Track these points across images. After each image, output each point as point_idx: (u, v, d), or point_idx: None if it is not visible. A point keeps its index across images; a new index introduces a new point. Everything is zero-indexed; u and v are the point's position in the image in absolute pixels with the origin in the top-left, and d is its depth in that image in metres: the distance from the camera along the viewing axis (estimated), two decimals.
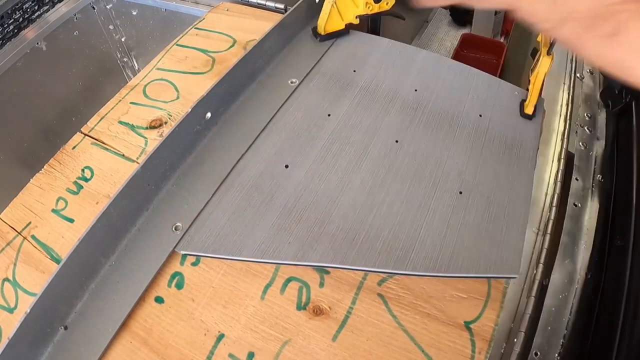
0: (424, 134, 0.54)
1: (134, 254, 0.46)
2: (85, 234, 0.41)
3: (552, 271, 0.42)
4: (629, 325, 0.38)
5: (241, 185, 0.50)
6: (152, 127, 0.58)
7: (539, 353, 0.37)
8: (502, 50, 1.23)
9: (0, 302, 0.45)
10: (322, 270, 0.44)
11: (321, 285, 0.43)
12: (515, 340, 0.38)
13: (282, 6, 0.72)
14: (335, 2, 0.60)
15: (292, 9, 0.63)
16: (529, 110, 0.55)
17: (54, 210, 0.52)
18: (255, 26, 0.70)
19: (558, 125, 0.56)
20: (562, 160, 0.50)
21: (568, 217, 0.45)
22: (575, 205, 0.46)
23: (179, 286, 0.44)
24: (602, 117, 0.57)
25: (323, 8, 0.61)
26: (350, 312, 0.41)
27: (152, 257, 0.45)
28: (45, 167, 0.56)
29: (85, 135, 0.59)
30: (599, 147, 0.53)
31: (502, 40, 1.37)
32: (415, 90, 0.59)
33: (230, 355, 0.40)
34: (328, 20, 0.62)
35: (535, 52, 0.52)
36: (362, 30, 0.67)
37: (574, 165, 0.51)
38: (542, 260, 0.43)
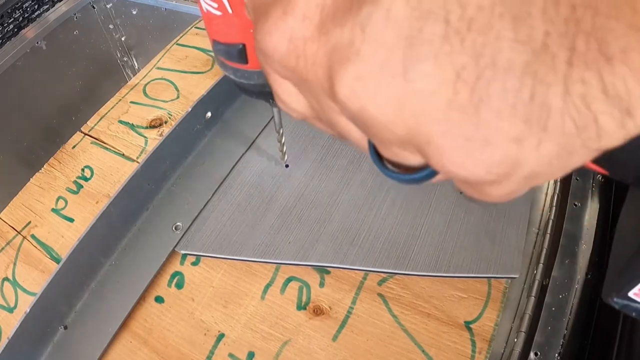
0: None
1: (134, 253, 0.46)
2: (85, 233, 0.41)
3: (552, 271, 0.42)
4: (629, 325, 0.38)
5: (241, 185, 0.50)
6: (152, 127, 0.58)
7: (539, 353, 0.37)
8: None
9: (0, 301, 0.45)
10: (323, 270, 0.44)
11: (321, 285, 0.43)
12: (515, 340, 0.38)
13: None
14: None
15: None
16: None
17: (53, 210, 0.52)
18: None
19: None
20: None
21: (568, 217, 0.45)
22: (575, 205, 0.46)
23: (179, 286, 0.44)
24: None
25: None
26: (351, 312, 0.41)
27: (152, 256, 0.45)
28: (45, 166, 0.56)
29: (85, 134, 0.58)
30: None
31: None
32: None
33: (230, 355, 0.40)
34: None
35: None
36: None
37: None
38: (542, 260, 0.43)
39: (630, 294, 0.16)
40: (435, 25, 0.11)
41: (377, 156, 0.16)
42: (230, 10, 0.25)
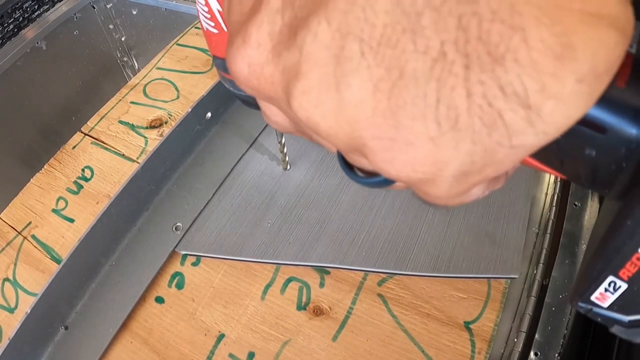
0: None
1: (134, 254, 0.46)
2: (85, 234, 0.41)
3: (552, 271, 0.42)
4: None
5: (241, 185, 0.50)
6: (152, 127, 0.58)
7: (539, 353, 0.37)
8: None
9: (1, 302, 0.45)
10: (323, 271, 0.44)
11: (321, 285, 0.43)
12: (515, 340, 0.38)
13: None
14: None
15: None
16: None
17: (54, 210, 0.52)
18: None
19: None
20: None
21: (568, 217, 0.45)
22: (575, 205, 0.46)
23: (180, 286, 0.45)
24: None
25: None
26: (351, 312, 0.41)
27: (153, 257, 0.45)
28: (45, 166, 0.56)
29: (85, 134, 0.59)
30: None
31: None
32: None
33: (231, 355, 0.40)
34: None
35: None
36: None
37: None
38: (542, 260, 0.43)
39: (592, 297, 0.15)
40: (353, 44, 0.12)
41: (345, 162, 0.17)
42: (225, 29, 0.27)
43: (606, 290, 0.14)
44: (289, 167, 0.51)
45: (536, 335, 0.38)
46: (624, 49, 0.11)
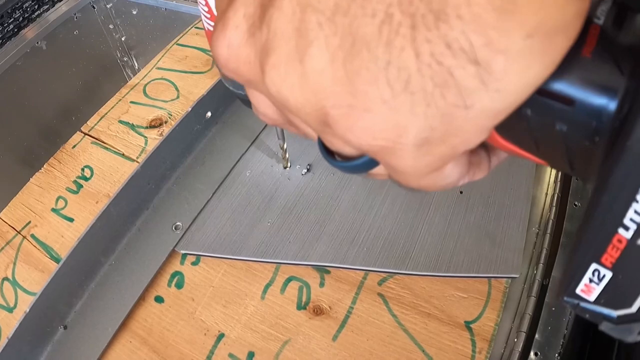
0: None
1: (134, 253, 0.46)
2: (85, 233, 0.41)
3: (552, 271, 0.42)
4: None
5: (241, 185, 0.50)
6: (152, 127, 0.58)
7: (539, 353, 0.37)
8: None
9: (0, 301, 0.45)
10: (323, 270, 0.44)
11: (321, 284, 0.43)
12: (515, 340, 0.38)
13: None
14: None
15: None
16: None
17: (53, 210, 0.51)
18: None
19: None
20: None
21: (568, 217, 0.45)
22: (575, 205, 0.46)
23: (179, 286, 0.44)
24: None
25: None
26: (351, 311, 0.41)
27: (152, 256, 0.45)
28: (45, 166, 0.56)
29: (85, 134, 0.58)
30: None
31: None
32: None
33: (231, 355, 0.40)
34: None
35: None
36: None
37: None
38: (542, 260, 0.43)
39: (578, 290, 0.14)
40: (311, 15, 0.13)
41: (325, 148, 0.17)
42: None
43: (591, 280, 0.14)
44: (289, 166, 0.51)
45: (536, 335, 0.38)
46: (578, 7, 0.11)
